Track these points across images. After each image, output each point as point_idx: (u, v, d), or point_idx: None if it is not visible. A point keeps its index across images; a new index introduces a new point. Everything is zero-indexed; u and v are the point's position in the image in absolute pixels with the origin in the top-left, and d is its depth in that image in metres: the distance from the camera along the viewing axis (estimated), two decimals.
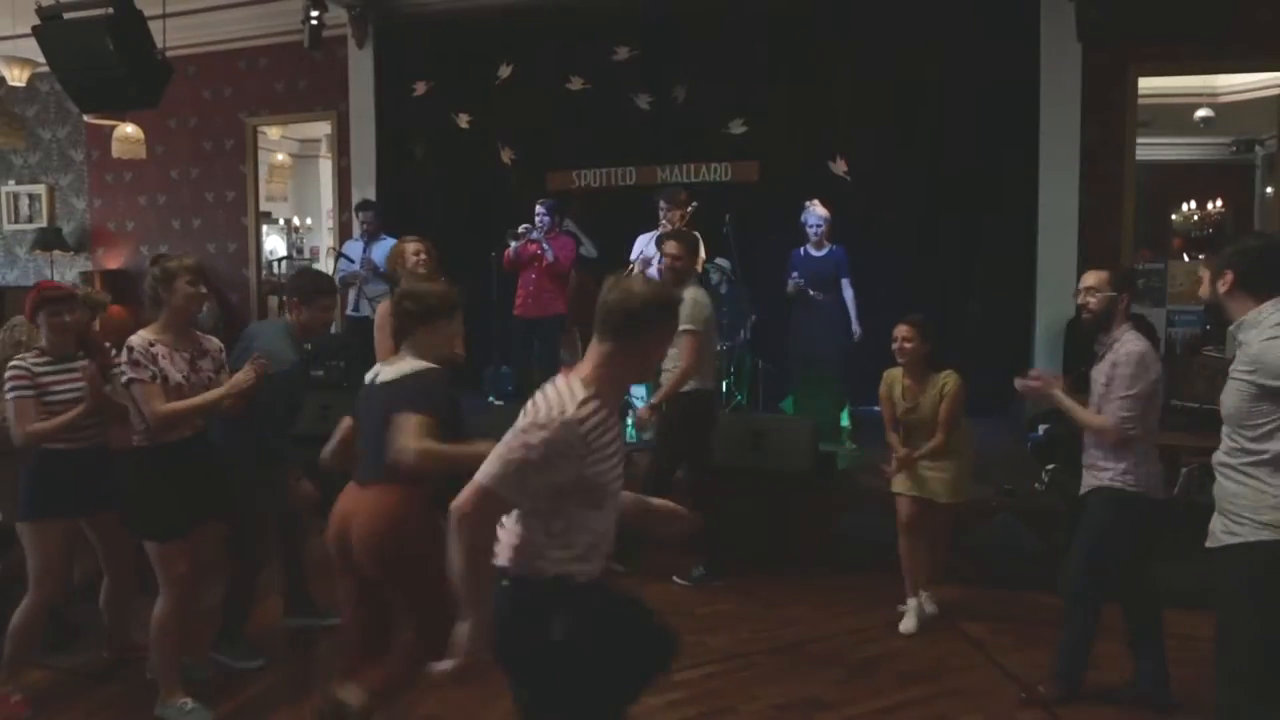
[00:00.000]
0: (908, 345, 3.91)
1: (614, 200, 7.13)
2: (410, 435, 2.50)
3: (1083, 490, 3.23)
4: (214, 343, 3.37)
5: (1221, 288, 2.41)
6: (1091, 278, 3.15)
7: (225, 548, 3.61)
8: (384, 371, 2.77)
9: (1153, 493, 3.11)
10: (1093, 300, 3.12)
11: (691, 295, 4.26)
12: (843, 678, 3.55)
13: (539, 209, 6.19)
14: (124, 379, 3.09)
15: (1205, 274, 2.53)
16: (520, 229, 6.18)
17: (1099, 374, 3.14)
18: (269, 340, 3.53)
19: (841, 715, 3.27)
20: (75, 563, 4.38)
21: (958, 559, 4.34)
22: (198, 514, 3.21)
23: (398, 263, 4.14)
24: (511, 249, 6.16)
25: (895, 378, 4.06)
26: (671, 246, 4.54)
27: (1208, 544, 2.45)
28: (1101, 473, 3.12)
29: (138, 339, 3.11)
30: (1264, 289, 2.34)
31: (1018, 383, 3.33)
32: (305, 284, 3.70)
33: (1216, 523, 2.43)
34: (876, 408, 4.25)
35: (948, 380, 3.91)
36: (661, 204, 5.65)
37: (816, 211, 5.73)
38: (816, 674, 3.59)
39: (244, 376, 3.23)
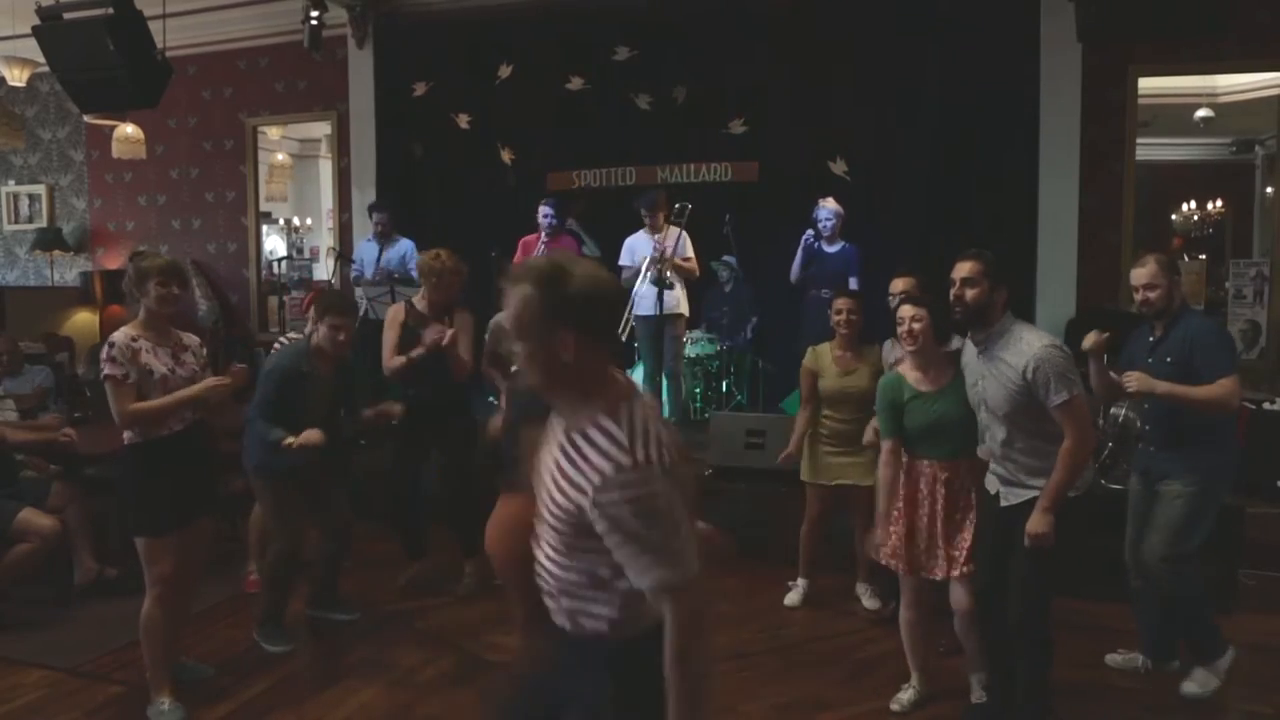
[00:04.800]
0: (854, 318, 4.00)
1: (613, 200, 7.12)
2: None
3: (1013, 502, 2.91)
4: (192, 339, 3.35)
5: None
6: (966, 268, 2.89)
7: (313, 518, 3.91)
8: None
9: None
10: (971, 292, 2.87)
11: None
12: (843, 678, 3.56)
13: (544, 209, 6.13)
14: (100, 375, 3.07)
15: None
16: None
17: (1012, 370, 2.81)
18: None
19: (841, 715, 3.27)
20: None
21: None
22: (187, 512, 3.20)
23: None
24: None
25: (824, 351, 4.06)
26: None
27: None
28: (1029, 490, 2.86)
29: (120, 335, 3.10)
30: None
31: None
32: (321, 300, 3.85)
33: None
34: None
35: (880, 352, 4.00)
36: (642, 210, 5.62)
37: (828, 206, 5.70)
38: (816, 674, 3.59)
39: (219, 381, 3.21)
